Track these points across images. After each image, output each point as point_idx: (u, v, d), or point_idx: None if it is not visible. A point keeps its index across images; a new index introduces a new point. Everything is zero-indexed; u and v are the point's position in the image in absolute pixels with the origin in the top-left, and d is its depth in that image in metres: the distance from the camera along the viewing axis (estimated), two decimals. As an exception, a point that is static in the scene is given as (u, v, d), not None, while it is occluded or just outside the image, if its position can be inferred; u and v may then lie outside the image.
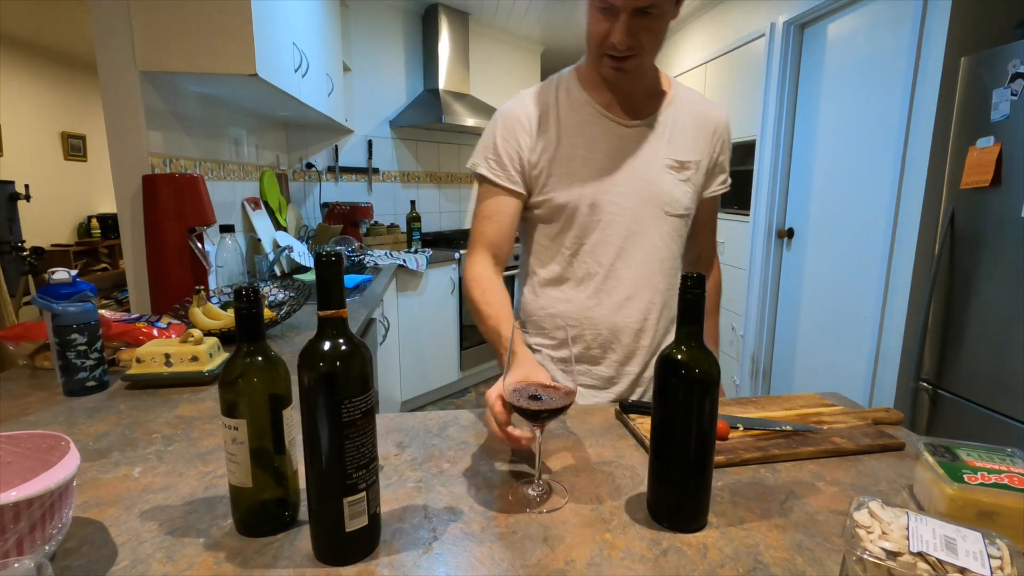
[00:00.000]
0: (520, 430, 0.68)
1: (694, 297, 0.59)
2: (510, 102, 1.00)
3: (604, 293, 1.00)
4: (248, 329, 0.58)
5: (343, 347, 0.53)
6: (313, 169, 3.38)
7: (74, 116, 5.24)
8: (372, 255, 3.00)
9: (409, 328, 3.15)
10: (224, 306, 1.47)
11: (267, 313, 1.38)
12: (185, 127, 1.82)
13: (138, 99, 1.57)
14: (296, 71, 2.00)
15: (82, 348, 0.98)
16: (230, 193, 2.20)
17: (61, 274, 1.01)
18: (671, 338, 1.13)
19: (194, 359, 1.05)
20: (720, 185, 1.09)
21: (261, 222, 2.39)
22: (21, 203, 4.07)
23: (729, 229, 3.43)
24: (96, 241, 5.25)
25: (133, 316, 1.23)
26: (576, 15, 3.78)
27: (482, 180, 1.00)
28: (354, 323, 1.65)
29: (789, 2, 2.75)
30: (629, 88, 0.98)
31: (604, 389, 1.05)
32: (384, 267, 2.82)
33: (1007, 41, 1.70)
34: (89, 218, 5.37)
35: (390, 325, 2.74)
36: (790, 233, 2.95)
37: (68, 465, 0.51)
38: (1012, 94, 1.60)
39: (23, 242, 3.85)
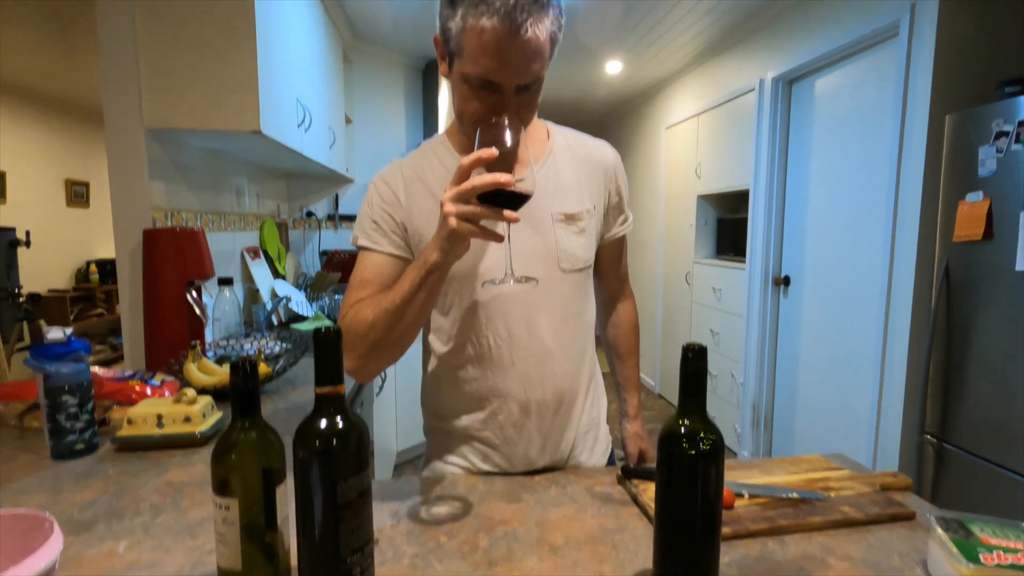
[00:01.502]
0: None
1: (696, 369, 0.59)
2: (382, 171, 0.95)
3: (511, 368, 0.92)
4: (243, 404, 0.57)
5: (340, 426, 0.52)
6: (313, 217, 3.41)
7: (78, 163, 5.33)
8: (370, 302, 2.98)
9: (407, 374, 3.11)
10: (220, 360, 1.45)
11: (262, 368, 1.36)
12: (187, 180, 1.85)
13: (143, 155, 1.59)
14: (299, 126, 2.05)
15: (73, 410, 0.96)
16: (230, 243, 2.21)
17: (56, 333, 0.99)
18: (601, 403, 1.09)
19: (187, 420, 1.02)
20: (621, 226, 1.04)
21: (260, 271, 2.39)
22: (21, 249, 4.08)
23: (726, 276, 3.45)
24: (94, 286, 5.25)
25: (127, 374, 1.22)
26: (571, 69, 3.91)
27: (362, 251, 0.92)
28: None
29: (776, 59, 2.85)
30: None
31: (527, 475, 0.95)
32: (382, 315, 2.80)
33: (990, 99, 1.75)
34: (88, 263, 5.38)
35: (387, 375, 2.71)
36: (786, 281, 2.97)
37: (49, 552, 0.49)
38: (997, 151, 1.64)
39: (20, 288, 3.84)
